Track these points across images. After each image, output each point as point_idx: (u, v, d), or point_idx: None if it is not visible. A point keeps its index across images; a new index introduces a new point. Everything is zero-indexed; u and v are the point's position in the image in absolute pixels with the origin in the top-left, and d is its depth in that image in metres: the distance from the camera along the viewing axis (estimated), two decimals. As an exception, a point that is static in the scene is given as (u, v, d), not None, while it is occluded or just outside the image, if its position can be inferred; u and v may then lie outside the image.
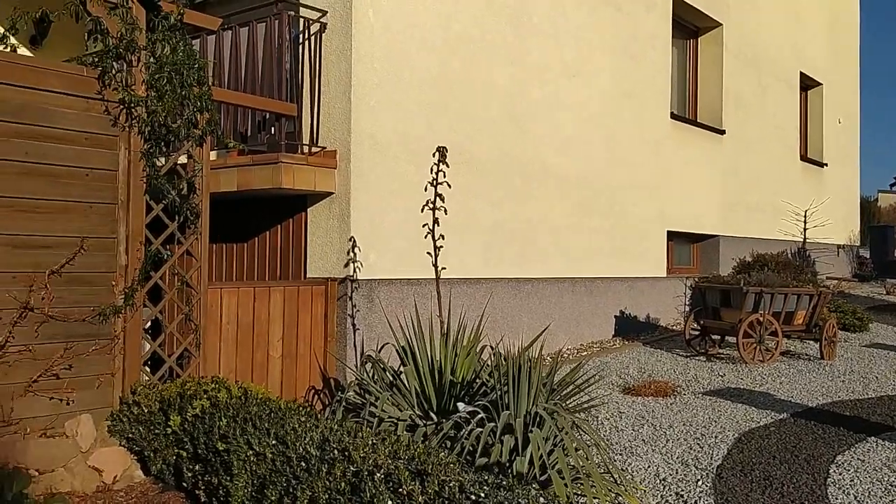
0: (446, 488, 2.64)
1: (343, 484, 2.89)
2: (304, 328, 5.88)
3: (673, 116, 10.36)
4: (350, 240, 5.99)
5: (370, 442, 3.18)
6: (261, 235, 6.57)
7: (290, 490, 3.09)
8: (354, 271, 6.01)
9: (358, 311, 6.06)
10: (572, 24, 8.41)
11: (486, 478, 2.76)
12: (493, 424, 4.07)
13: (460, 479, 2.72)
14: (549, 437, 4.10)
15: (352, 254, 5.98)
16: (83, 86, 4.42)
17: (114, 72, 4.47)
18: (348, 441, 3.19)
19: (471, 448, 3.98)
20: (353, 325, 6.04)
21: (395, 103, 6.34)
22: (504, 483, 2.69)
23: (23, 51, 5.39)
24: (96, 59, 4.46)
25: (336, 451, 3.08)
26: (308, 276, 6.23)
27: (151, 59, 4.64)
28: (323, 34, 6.12)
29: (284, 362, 5.74)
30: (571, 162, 8.38)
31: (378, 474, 2.82)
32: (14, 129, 4.14)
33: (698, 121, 11.32)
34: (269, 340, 5.63)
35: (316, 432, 3.38)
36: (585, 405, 4.92)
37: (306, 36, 6.17)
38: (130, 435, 4.36)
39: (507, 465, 3.93)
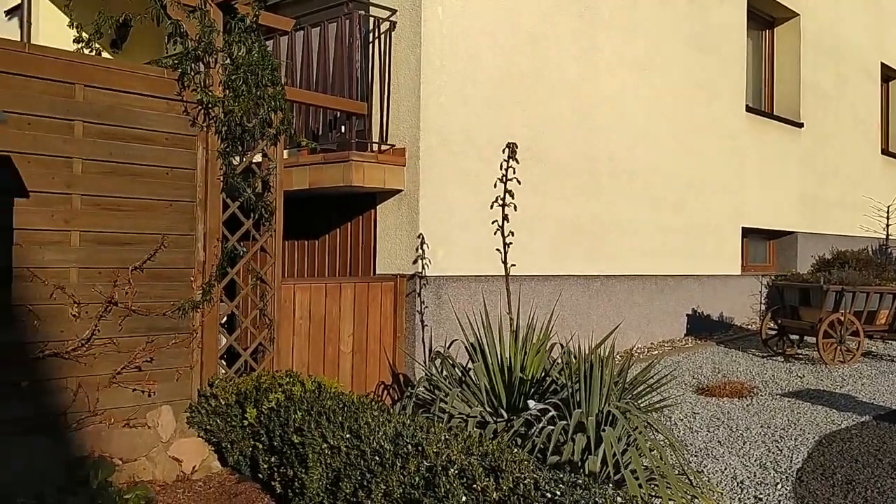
0: (521, 485, 2.63)
1: (417, 478, 2.91)
2: (373, 324, 5.94)
3: (748, 109, 10.06)
4: (418, 236, 6.02)
5: (443, 437, 3.19)
6: (331, 232, 6.66)
7: (365, 483, 3.12)
8: (423, 268, 6.03)
9: (426, 307, 6.09)
10: (643, 17, 8.25)
11: (562, 476, 2.73)
12: (564, 423, 4.03)
13: (535, 476, 2.70)
14: (622, 436, 4.03)
15: (420, 250, 6.01)
16: (164, 87, 4.57)
17: (193, 73, 4.61)
18: (421, 436, 3.21)
19: (542, 446, 3.95)
20: (422, 321, 6.07)
21: (463, 100, 6.34)
22: (580, 481, 2.66)
23: (104, 55, 5.59)
24: (176, 62, 4.60)
25: (410, 446, 3.09)
26: (377, 272, 6.29)
27: (228, 61, 4.75)
28: (392, 32, 6.16)
29: (354, 357, 5.81)
30: (642, 156, 8.22)
31: (452, 470, 2.83)
32: (100, 129, 4.30)
33: (775, 113, 10.96)
34: (340, 336, 5.71)
35: (389, 427, 3.41)
36: (658, 405, 4.83)
37: (376, 35, 6.22)
38: (208, 426, 4.48)
39: (580, 464, 3.88)
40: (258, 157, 5.08)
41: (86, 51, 4.74)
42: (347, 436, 3.41)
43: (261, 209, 4.97)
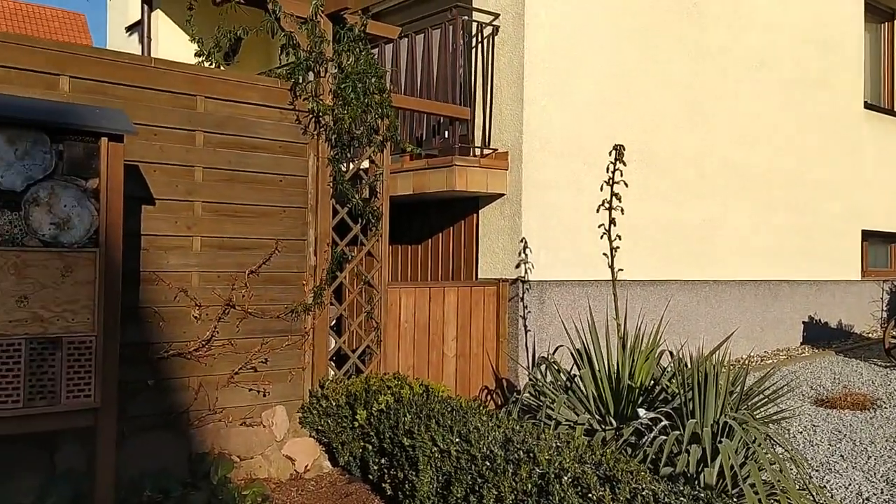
0: (639, 496, 2.56)
1: (529, 485, 2.89)
2: (476, 328, 5.96)
3: (867, 106, 9.51)
4: (521, 241, 5.99)
5: (554, 444, 3.15)
6: (433, 237, 6.72)
7: (476, 488, 3.13)
8: (525, 272, 6.00)
9: (529, 312, 6.05)
10: (754, 11, 7.94)
11: (682, 488, 2.65)
12: (677, 433, 3.91)
13: (653, 487, 2.63)
14: (739, 448, 3.88)
15: (523, 255, 5.98)
16: (277, 97, 4.73)
17: (304, 83, 4.75)
18: (532, 442, 3.18)
19: (653, 456, 3.85)
20: (525, 326, 6.03)
21: (566, 102, 6.27)
22: (702, 495, 2.57)
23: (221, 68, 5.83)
24: (288, 72, 4.76)
25: (521, 452, 3.08)
26: (479, 277, 6.29)
27: (336, 70, 4.88)
28: (495, 37, 6.17)
29: (458, 361, 5.84)
30: (753, 157, 7.91)
31: (565, 478, 2.79)
32: (219, 139, 4.49)
33: (895, 110, 10.32)
34: (444, 339, 5.75)
35: (498, 432, 3.40)
36: (775, 417, 4.62)
37: (479, 39, 6.24)
38: (320, 427, 4.60)
39: (694, 476, 3.75)
40: (365, 164, 5.19)
41: (206, 64, 4.97)
42: (457, 440, 3.42)
43: (368, 214, 5.07)
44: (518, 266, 5.99)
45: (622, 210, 4.76)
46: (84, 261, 3.33)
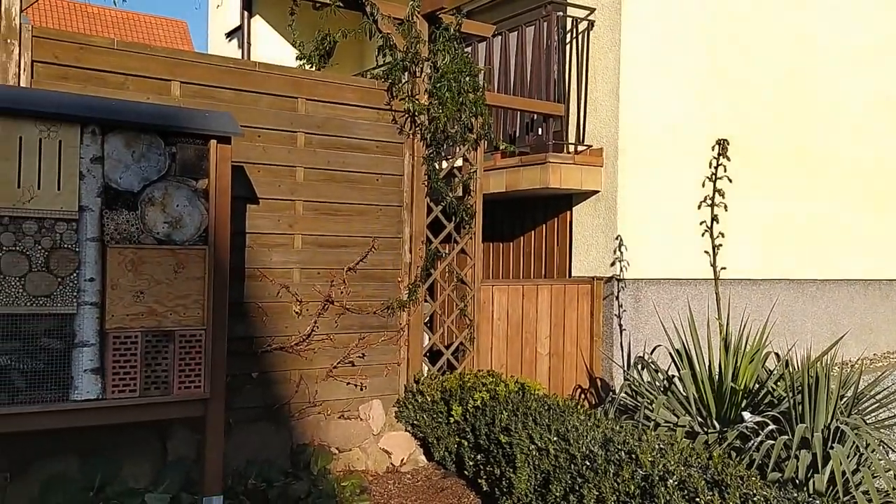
0: (749, 502, 2.48)
1: (632, 487, 2.83)
2: (569, 327, 5.90)
3: None
4: (616, 238, 5.89)
5: (657, 446, 3.08)
6: (525, 234, 6.69)
7: (576, 488, 3.10)
8: (621, 270, 5.89)
9: (624, 311, 5.94)
10: (863, -2, 7.53)
11: (796, 495, 2.54)
12: (785, 437, 3.77)
13: (765, 493, 2.54)
14: (851, 454, 3.70)
15: (618, 252, 5.88)
16: (374, 98, 4.81)
17: (401, 83, 4.81)
18: (634, 443, 3.12)
19: (760, 461, 3.72)
20: (619, 325, 5.93)
21: (663, 96, 6.12)
22: (816, 502, 2.46)
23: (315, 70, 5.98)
24: (385, 72, 4.83)
25: (623, 453, 3.03)
26: (572, 274, 6.23)
27: (432, 69, 4.92)
28: (590, 32, 6.08)
29: (551, 360, 5.79)
30: (863, 150, 7.50)
31: (671, 480, 2.73)
32: (319, 140, 4.61)
33: None
34: (537, 337, 5.72)
35: (597, 431, 3.35)
36: (887, 422, 4.38)
37: (574, 35, 6.17)
38: (415, 422, 4.66)
39: (803, 482, 3.61)
40: (459, 162, 5.22)
41: (306, 66, 5.10)
42: (555, 438, 3.40)
43: (462, 212, 5.10)
44: (613, 264, 5.89)
45: (725, 206, 4.61)
46: (195, 258, 3.48)
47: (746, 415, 4.05)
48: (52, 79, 3.79)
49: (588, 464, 3.11)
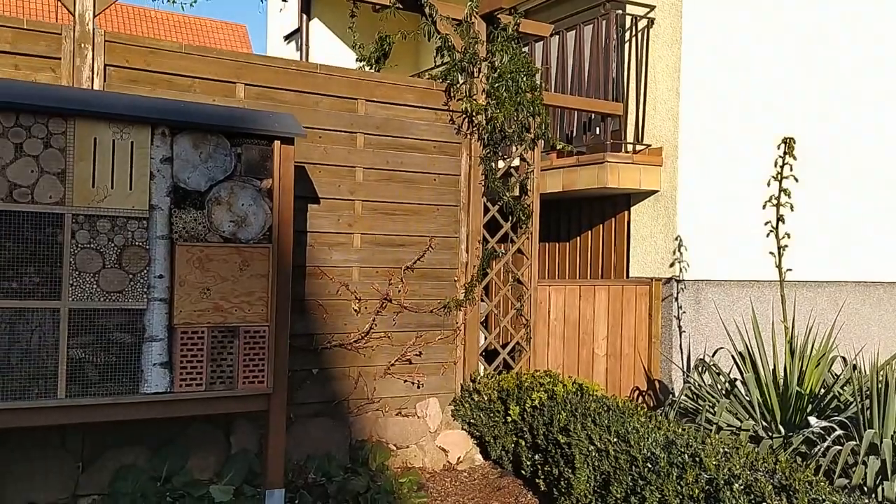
0: (818, 508, 2.42)
1: (696, 490, 2.79)
2: (627, 328, 5.83)
3: None
4: (676, 239, 5.80)
5: (722, 450, 3.03)
6: (582, 234, 6.64)
7: (637, 490, 3.06)
8: (680, 271, 5.80)
9: (684, 312, 5.85)
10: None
11: (867, 501, 2.47)
12: (853, 443, 3.66)
13: (833, 499, 2.47)
14: (925, 463, 3.58)
15: (677, 253, 5.79)
16: (432, 98, 4.84)
17: (459, 83, 4.83)
18: (697, 446, 3.08)
19: (827, 467, 3.62)
20: (679, 327, 5.84)
21: (724, 96, 6.00)
22: (890, 511, 2.39)
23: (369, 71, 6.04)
24: (444, 73, 4.86)
25: (686, 456, 2.98)
26: (630, 275, 6.16)
27: (489, 70, 4.93)
28: (650, 30, 6.01)
29: (609, 361, 5.74)
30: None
31: (736, 485, 2.68)
32: (377, 140, 4.66)
33: None
34: (594, 338, 5.68)
35: (659, 434, 3.31)
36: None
37: (633, 33, 6.10)
38: (472, 420, 4.67)
39: (872, 489, 3.50)
40: (516, 162, 5.21)
41: (366, 68, 5.17)
42: (615, 439, 3.37)
43: (518, 212, 5.09)
44: (672, 265, 5.81)
45: (791, 206, 4.50)
46: (259, 256, 3.56)
47: (812, 420, 3.95)
48: (123, 82, 3.92)
49: (650, 466, 3.07)
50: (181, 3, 5.90)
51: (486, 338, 5.11)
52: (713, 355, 5.22)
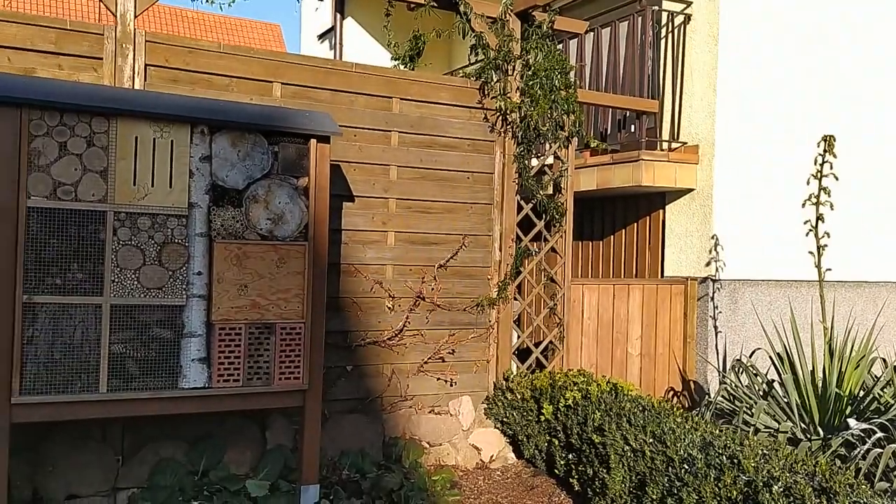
0: (860, 512, 2.38)
1: (734, 492, 2.76)
2: (662, 328, 5.78)
3: None
4: (712, 237, 5.73)
5: (760, 451, 2.99)
6: (616, 233, 6.59)
7: (674, 491, 3.04)
8: (716, 271, 5.73)
9: (720, 312, 5.78)
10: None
11: (912, 507, 2.43)
12: (894, 446, 3.59)
13: (875, 502, 2.43)
14: (970, 468, 3.50)
15: (714, 252, 5.72)
16: (466, 97, 4.84)
17: (493, 81, 4.83)
18: (735, 448, 3.04)
19: (867, 470, 3.56)
20: (715, 327, 5.77)
21: (763, 93, 5.91)
22: (936, 516, 2.34)
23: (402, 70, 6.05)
24: (478, 71, 4.85)
25: (724, 458, 2.95)
26: (665, 274, 6.10)
27: (523, 67, 4.91)
28: (686, 26, 5.94)
29: (643, 361, 5.69)
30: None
31: (776, 487, 2.64)
32: (412, 138, 4.68)
33: None
34: (628, 338, 5.63)
35: (696, 435, 3.28)
36: None
37: (669, 29, 6.04)
38: (504, 419, 4.67)
39: (915, 495, 3.43)
40: (549, 160, 5.19)
41: (400, 66, 5.18)
42: (650, 440, 3.34)
43: (552, 210, 5.07)
44: (708, 264, 5.74)
45: (831, 205, 4.42)
46: (295, 253, 3.59)
47: (852, 422, 3.88)
48: (163, 81, 3.98)
49: (686, 467, 3.04)
50: (219, 3, 6.05)
51: (518, 336, 5.10)
52: (750, 356, 5.16)
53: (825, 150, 4.39)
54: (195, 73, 4.06)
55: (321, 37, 11.80)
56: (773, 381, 4.56)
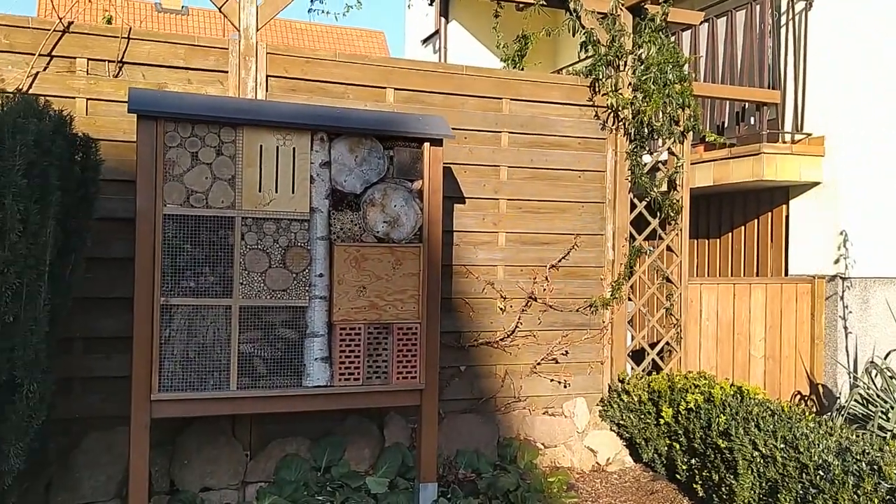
0: None
1: (875, 500, 2.60)
2: (787, 328, 5.51)
3: None
4: (841, 233, 5.43)
5: (904, 459, 2.80)
6: (735, 230, 6.34)
7: (808, 498, 2.89)
8: (846, 268, 5.42)
9: (850, 312, 5.45)
10: None
11: None
12: None
13: None
14: None
15: (843, 249, 5.41)
16: (577, 94, 4.78)
17: (604, 78, 4.75)
18: (875, 454, 2.86)
19: None
20: (845, 327, 5.45)
21: (892, 78, 5.54)
22: None
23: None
24: (588, 68, 4.79)
25: (863, 464, 2.78)
26: (789, 273, 5.81)
27: (636, 62, 4.80)
28: (808, 12, 5.65)
29: (767, 363, 5.45)
30: None
31: (924, 497, 2.47)
32: (522, 138, 4.66)
33: None
34: (751, 339, 5.40)
35: (830, 440, 3.11)
36: None
37: (790, 16, 5.76)
38: (620, 421, 4.57)
39: None
40: (663, 156, 5.06)
41: (509, 67, 5.18)
42: (781, 445, 3.19)
43: (667, 208, 4.93)
44: (837, 261, 5.43)
45: (978, 195, 4.09)
46: (410, 255, 3.65)
47: None
48: (282, 91, 4.14)
49: (822, 474, 2.89)
50: (335, 13, 6.25)
51: (633, 337, 4.99)
52: (885, 358, 4.84)
53: (971, 137, 4.06)
54: (312, 81, 4.20)
55: (425, 41, 11.97)
56: (914, 385, 4.27)
